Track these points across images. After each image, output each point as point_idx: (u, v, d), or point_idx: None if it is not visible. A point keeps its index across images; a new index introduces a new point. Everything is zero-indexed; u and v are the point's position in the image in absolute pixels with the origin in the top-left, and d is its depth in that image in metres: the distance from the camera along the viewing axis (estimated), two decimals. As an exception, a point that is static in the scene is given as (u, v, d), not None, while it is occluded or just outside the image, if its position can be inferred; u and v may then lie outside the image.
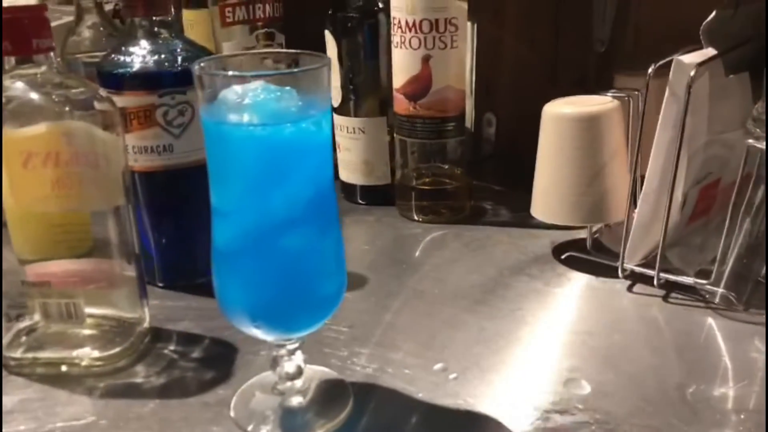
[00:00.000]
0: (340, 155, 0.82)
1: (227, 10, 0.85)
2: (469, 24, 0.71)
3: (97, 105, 0.50)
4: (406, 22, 0.69)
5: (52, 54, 0.48)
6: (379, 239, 0.74)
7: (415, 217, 0.77)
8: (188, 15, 0.94)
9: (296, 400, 0.47)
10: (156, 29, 0.60)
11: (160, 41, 0.60)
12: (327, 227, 0.42)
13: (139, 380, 0.51)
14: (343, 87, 0.78)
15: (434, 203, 0.77)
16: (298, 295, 0.41)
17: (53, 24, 1.02)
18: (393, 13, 0.71)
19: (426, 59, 0.70)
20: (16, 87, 0.47)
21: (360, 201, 0.82)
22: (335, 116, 0.80)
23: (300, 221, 0.40)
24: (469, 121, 0.75)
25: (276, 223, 0.40)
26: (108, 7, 1.13)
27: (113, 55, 0.59)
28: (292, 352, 0.45)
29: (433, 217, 0.76)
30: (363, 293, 0.62)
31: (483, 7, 0.84)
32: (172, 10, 0.61)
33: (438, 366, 0.51)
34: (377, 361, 0.51)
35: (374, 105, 0.78)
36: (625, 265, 0.61)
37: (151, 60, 0.58)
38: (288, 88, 0.39)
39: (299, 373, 0.46)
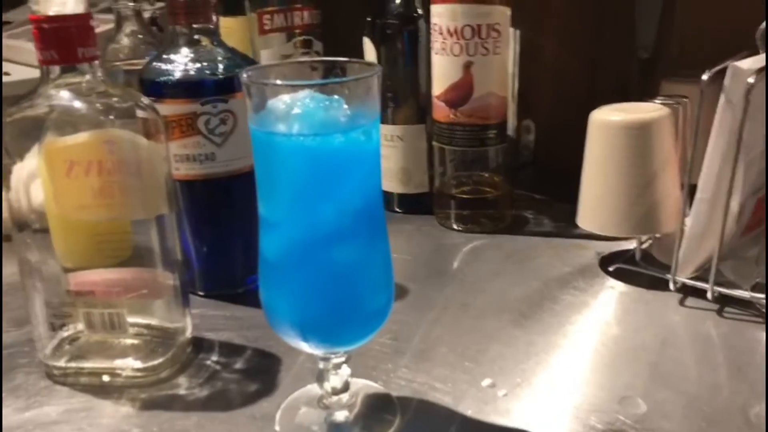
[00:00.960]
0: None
1: (265, 17, 0.84)
2: (512, 30, 0.70)
3: (139, 113, 0.50)
4: (448, 29, 0.68)
5: (96, 62, 0.48)
6: (419, 249, 0.73)
7: (455, 227, 0.75)
8: (225, 22, 0.94)
9: (342, 415, 0.46)
10: (197, 37, 0.59)
11: (202, 49, 0.59)
12: (376, 239, 0.41)
13: (182, 392, 0.50)
14: (382, 95, 0.77)
15: (474, 212, 0.75)
16: (347, 309, 0.40)
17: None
18: (433, 20, 0.70)
19: (467, 66, 0.69)
20: (61, 96, 0.47)
21: (397, 209, 0.81)
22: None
23: (349, 233, 0.39)
24: (510, 127, 0.74)
25: (325, 235, 0.39)
26: (146, 15, 1.14)
27: (155, 63, 0.59)
28: (338, 366, 0.44)
29: (473, 226, 0.75)
30: (405, 304, 0.61)
31: (524, 13, 0.82)
32: (214, 18, 0.60)
33: (486, 382, 0.49)
34: (423, 376, 0.50)
35: (413, 112, 0.77)
36: (676, 277, 0.59)
37: (192, 68, 0.58)
38: (336, 97, 0.38)
39: (346, 387, 0.45)
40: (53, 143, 0.49)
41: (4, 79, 1.06)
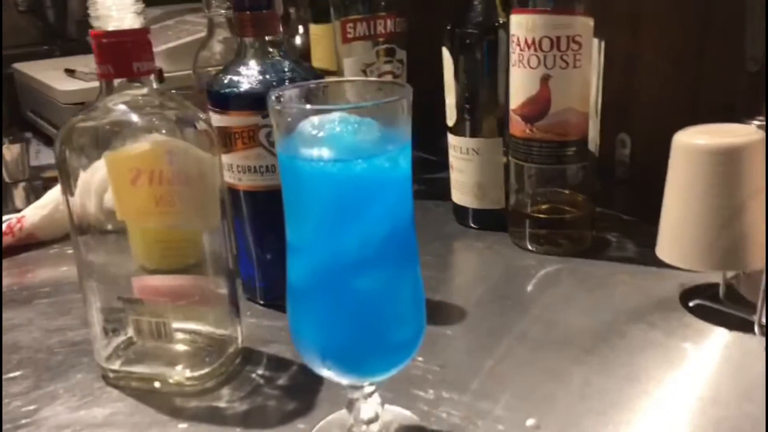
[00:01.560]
0: (452, 176, 0.78)
1: (348, 25, 0.84)
2: (596, 41, 0.65)
3: (197, 125, 0.51)
4: (525, 40, 0.65)
5: (152, 76, 0.49)
6: (488, 269, 0.70)
7: (529, 247, 0.72)
8: (314, 30, 0.95)
9: (371, 446, 0.44)
10: (264, 49, 0.59)
11: (269, 61, 0.59)
12: (403, 269, 0.39)
13: (222, 404, 0.50)
14: (458, 106, 0.75)
15: (551, 232, 0.71)
16: (369, 339, 0.39)
17: (187, 39, 1.06)
18: (512, 30, 0.66)
19: (545, 79, 0.65)
20: (118, 108, 0.48)
21: (472, 225, 0.78)
22: (449, 135, 0.77)
23: (373, 262, 0.37)
24: (593, 144, 0.69)
25: (348, 263, 0.37)
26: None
27: (222, 75, 0.59)
28: (368, 396, 0.43)
29: (549, 247, 0.71)
30: (462, 329, 0.58)
31: (616, 22, 0.77)
32: (281, 30, 0.60)
33: (530, 422, 0.46)
34: (465, 409, 0.48)
35: (490, 125, 0.74)
36: (762, 320, 0.53)
37: (256, 81, 0.58)
38: (369, 119, 0.37)
39: (375, 417, 0.43)
40: (118, 152, 0.50)
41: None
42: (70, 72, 1.21)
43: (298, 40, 1.01)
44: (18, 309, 0.65)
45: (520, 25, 0.65)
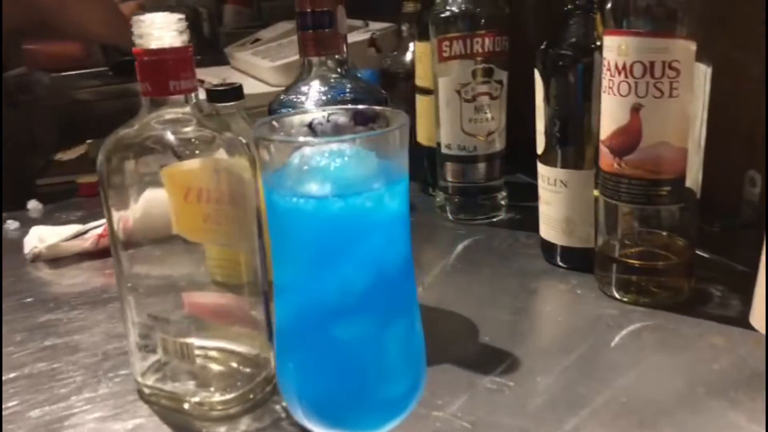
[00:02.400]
0: (540, 208, 0.72)
1: (444, 44, 0.81)
2: (701, 67, 0.57)
3: (235, 146, 0.50)
4: (616, 64, 0.58)
5: (192, 95, 0.48)
6: (564, 316, 0.64)
7: (616, 294, 0.64)
8: (419, 47, 0.92)
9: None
10: (327, 69, 0.58)
11: (332, 81, 0.58)
12: (392, 320, 0.35)
13: (237, 435, 0.48)
14: (548, 133, 0.69)
15: (641, 279, 0.63)
16: (349, 393, 0.35)
17: (294, 57, 1.06)
18: (604, 53, 0.60)
19: (636, 109, 0.58)
20: (154, 125, 0.48)
21: (560, 263, 0.72)
22: (538, 164, 0.71)
23: (355, 310, 0.34)
24: (693, 183, 0.61)
25: (328, 310, 0.34)
26: (363, 36, 1.17)
27: (284, 94, 0.58)
28: (362, 451, 0.39)
29: (638, 297, 0.63)
30: (513, 383, 0.52)
31: (743, 46, 0.67)
32: (344, 49, 0.58)
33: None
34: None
35: (581, 156, 0.67)
36: None
37: (313, 100, 0.56)
38: (363, 151, 0.33)
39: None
40: (173, 168, 0.51)
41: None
42: (199, 82, 1.27)
43: (408, 57, 0.99)
44: (92, 310, 0.68)
45: (611, 47, 0.58)
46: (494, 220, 0.87)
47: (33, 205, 1.00)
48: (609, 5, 0.58)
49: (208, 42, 1.86)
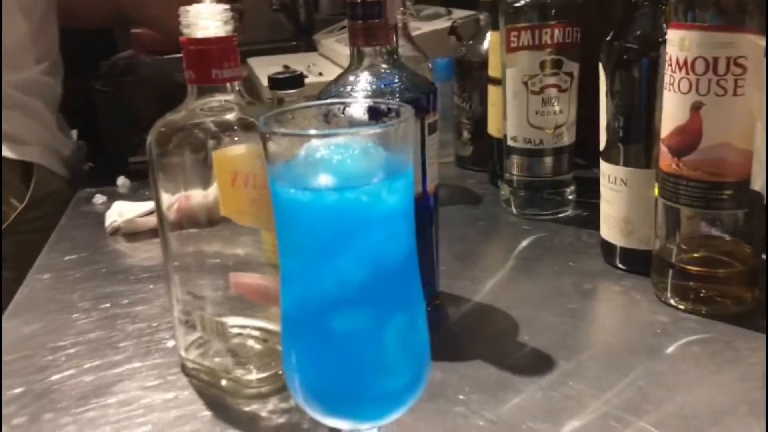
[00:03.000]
0: (601, 207, 0.70)
1: (512, 34, 0.79)
2: (773, 64, 0.53)
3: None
4: (677, 60, 0.55)
5: (235, 83, 0.50)
6: (614, 320, 0.61)
7: (671, 301, 0.61)
8: (493, 36, 0.91)
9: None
10: (376, 59, 0.58)
11: (381, 71, 0.58)
12: (390, 314, 0.35)
13: (264, 414, 0.51)
14: (610, 129, 0.66)
15: (699, 287, 0.60)
16: (347, 384, 0.36)
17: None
18: (667, 48, 0.57)
19: (696, 107, 0.55)
20: (198, 112, 0.50)
21: (619, 264, 0.69)
22: (600, 161, 0.68)
23: (352, 302, 0.34)
24: (761, 187, 0.57)
25: (325, 301, 0.35)
26: (445, 25, 1.17)
27: (333, 83, 0.59)
28: (366, 441, 0.40)
29: (695, 305, 0.60)
30: (537, 386, 0.51)
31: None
32: (393, 40, 0.58)
33: None
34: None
35: (643, 154, 0.64)
36: None
37: (360, 90, 0.57)
38: (367, 144, 0.34)
39: (374, 463, 0.40)
40: (221, 152, 0.53)
41: (319, 78, 1.18)
42: (285, 68, 1.30)
43: (485, 46, 0.97)
44: (155, 284, 0.72)
45: (674, 42, 0.55)
46: (560, 216, 0.84)
47: (122, 181, 1.06)
48: (674, -3, 0.55)
49: (303, 28, 1.90)
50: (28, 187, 1.00)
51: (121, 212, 0.88)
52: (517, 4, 0.78)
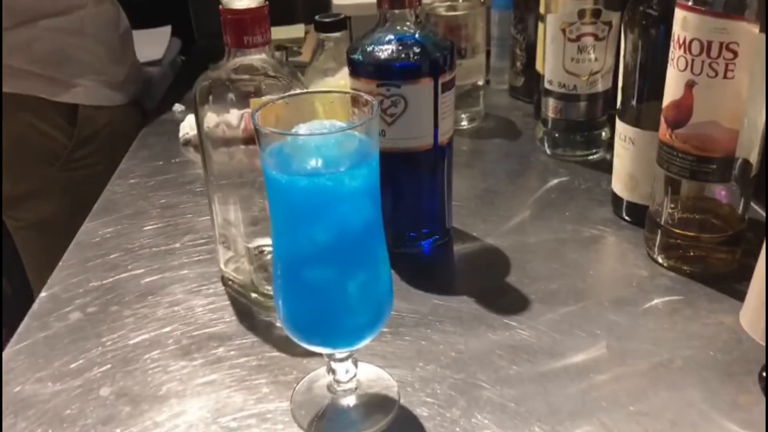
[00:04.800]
0: (614, 161, 0.75)
1: (555, -19, 0.81)
2: (769, 49, 0.56)
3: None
4: (678, 38, 0.58)
5: (266, 47, 0.58)
6: (598, 270, 0.68)
7: (658, 259, 0.67)
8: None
9: (347, 400, 0.52)
10: (398, 21, 0.64)
11: (402, 34, 0.64)
12: (352, 269, 0.44)
13: (278, 324, 0.61)
14: (625, 89, 0.70)
15: (683, 245, 0.65)
16: (318, 319, 0.46)
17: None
18: (673, 25, 0.60)
19: (690, 85, 0.58)
20: (232, 71, 0.58)
21: (625, 217, 0.75)
22: (617, 120, 0.73)
23: (320, 259, 0.44)
24: (750, 166, 0.60)
25: (300, 256, 0.44)
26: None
27: (358, 42, 0.66)
28: (339, 360, 0.50)
29: (678, 263, 0.66)
30: (512, 322, 0.60)
31: None
32: (416, 3, 0.63)
33: (485, 432, 0.49)
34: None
35: (651, 117, 0.68)
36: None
37: (382, 51, 0.63)
38: (341, 136, 0.42)
39: (347, 379, 0.51)
40: (257, 101, 0.61)
41: None
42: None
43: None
44: (212, 198, 0.83)
45: (677, 20, 0.58)
46: (590, 158, 0.89)
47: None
48: (688, -25, 0.58)
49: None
50: (74, 125, 1.04)
51: (192, 125, 0.99)
52: (562, -49, 0.80)
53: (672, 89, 0.60)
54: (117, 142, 1.04)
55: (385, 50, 0.63)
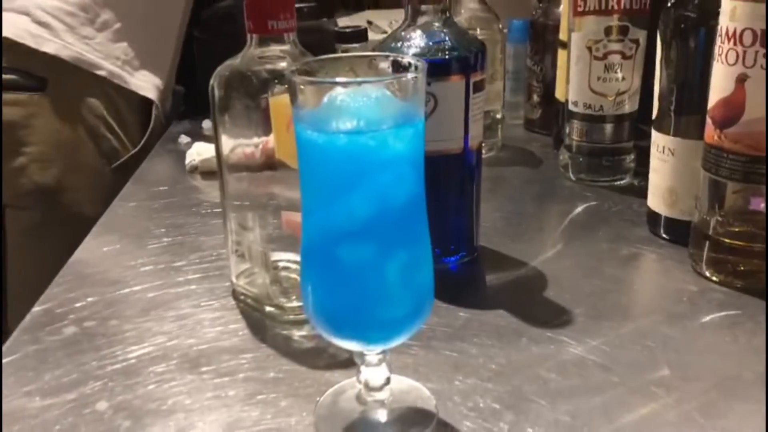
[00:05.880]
0: (650, 176, 0.71)
1: (580, -2, 0.79)
2: (827, 39, 0.52)
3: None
4: (726, 30, 0.55)
5: (290, 34, 0.54)
6: (643, 286, 0.63)
7: (706, 273, 0.62)
8: (564, 1, 0.91)
9: (377, 414, 0.45)
10: (427, 17, 0.61)
11: (433, 29, 0.61)
12: (393, 249, 0.39)
13: (296, 337, 0.56)
14: (662, 98, 0.66)
15: (735, 260, 0.60)
16: (351, 308, 0.40)
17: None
18: (720, 18, 0.57)
19: (741, 79, 0.55)
20: (256, 60, 0.55)
21: (663, 234, 0.70)
22: (652, 130, 0.69)
23: (358, 235, 0.39)
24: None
25: (335, 233, 0.39)
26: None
27: (388, 38, 0.62)
28: (371, 364, 0.44)
29: (730, 278, 0.61)
30: (555, 340, 0.54)
31: None
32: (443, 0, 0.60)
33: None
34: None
35: (693, 125, 0.64)
36: None
37: (411, 47, 0.60)
38: (382, 94, 0.37)
39: (379, 387, 0.45)
40: (277, 99, 0.57)
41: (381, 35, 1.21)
42: (369, 23, 1.34)
43: (561, 9, 0.97)
44: (221, 217, 0.78)
45: (725, 12, 0.55)
46: (617, 184, 0.85)
47: (207, 125, 1.14)
48: (732, -34, 0.55)
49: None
50: (144, 132, 1.09)
51: (200, 152, 0.95)
52: (587, -32, 0.78)
53: (720, 86, 0.57)
54: None
55: (414, 46, 0.60)
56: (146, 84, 1.09)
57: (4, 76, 0.97)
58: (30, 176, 1.01)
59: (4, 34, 0.97)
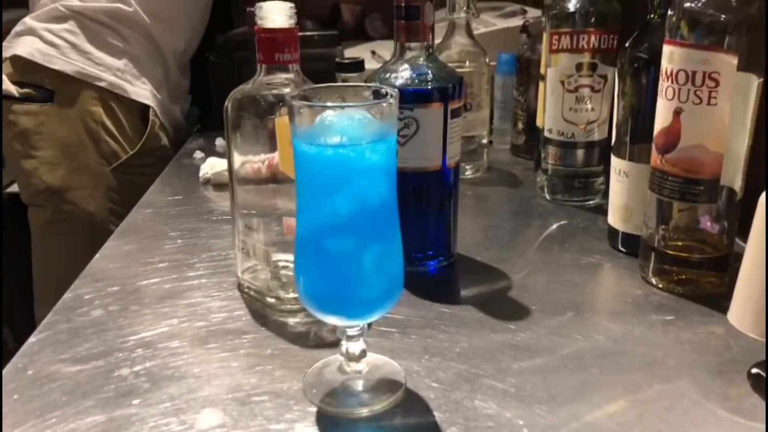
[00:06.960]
0: (609, 196, 0.80)
1: (554, 37, 0.90)
2: (753, 78, 0.62)
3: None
4: (666, 70, 0.64)
5: (293, 65, 0.64)
6: (595, 288, 0.71)
7: (653, 281, 0.71)
8: (545, 38, 1.01)
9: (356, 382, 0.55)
10: (413, 53, 0.70)
11: (418, 63, 0.71)
12: (369, 241, 0.48)
13: (291, 323, 0.65)
14: (619, 127, 0.76)
15: (676, 270, 0.69)
16: (335, 290, 0.49)
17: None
18: (662, 60, 0.66)
19: (677, 112, 0.64)
20: (263, 86, 0.64)
21: (621, 248, 0.79)
22: (611, 156, 0.78)
23: (342, 230, 0.48)
24: (735, 185, 0.65)
25: (322, 227, 0.48)
26: (518, 23, 1.27)
27: (380, 70, 0.72)
28: (351, 338, 0.53)
29: (673, 285, 0.69)
30: (514, 328, 0.63)
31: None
32: (429, 38, 0.70)
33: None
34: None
35: (644, 151, 0.73)
36: None
37: (397, 78, 0.70)
38: (363, 116, 0.47)
39: (357, 357, 0.54)
40: (282, 120, 0.67)
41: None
42: (372, 53, 1.44)
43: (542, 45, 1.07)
44: (230, 224, 0.87)
45: (665, 55, 0.65)
46: (587, 203, 0.94)
47: (220, 142, 1.24)
48: (673, 19, 0.65)
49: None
50: (141, 137, 1.20)
51: (213, 166, 1.05)
52: (556, 12, 0.88)
53: (662, 118, 0.66)
54: (166, 163, 1.16)
55: (401, 77, 0.69)
56: (144, 91, 1.21)
57: (19, 89, 1.12)
58: (40, 177, 1.15)
59: (18, 53, 1.12)
